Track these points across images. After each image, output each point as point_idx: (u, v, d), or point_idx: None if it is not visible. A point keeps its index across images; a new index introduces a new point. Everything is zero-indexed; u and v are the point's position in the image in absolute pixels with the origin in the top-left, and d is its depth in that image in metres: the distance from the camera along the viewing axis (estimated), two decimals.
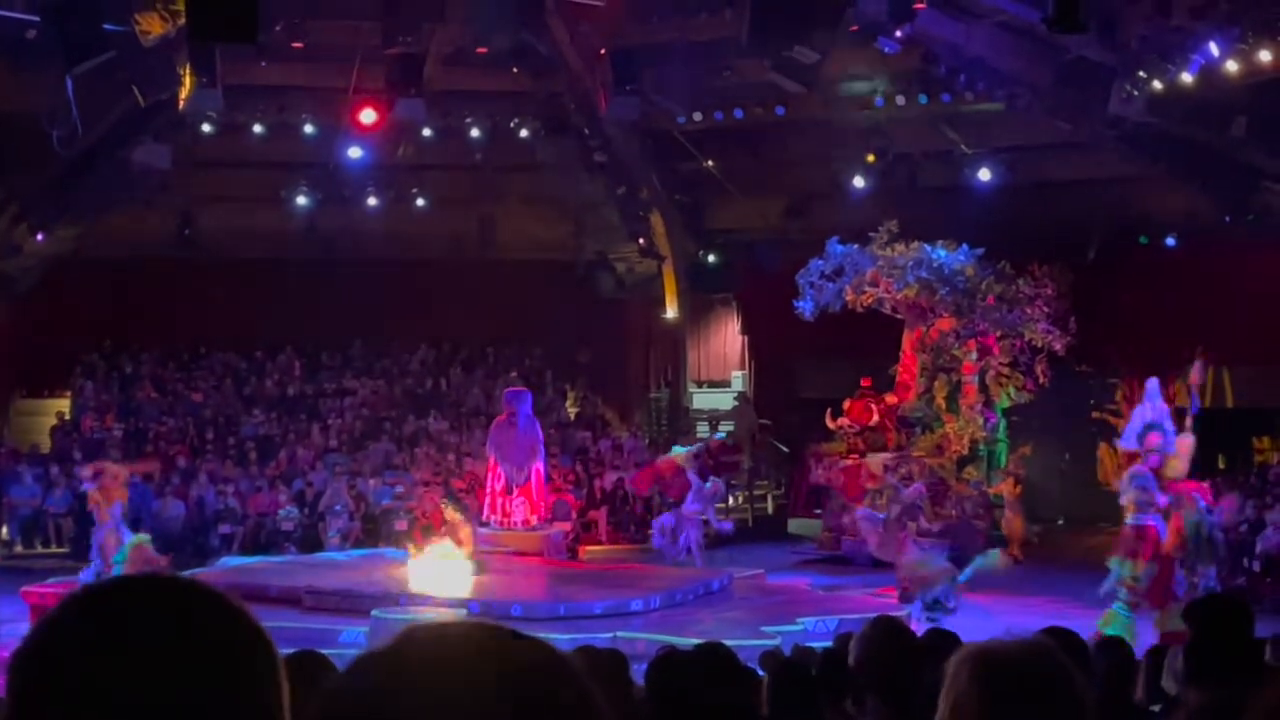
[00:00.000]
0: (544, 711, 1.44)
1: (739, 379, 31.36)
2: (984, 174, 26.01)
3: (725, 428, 30.08)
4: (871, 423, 24.32)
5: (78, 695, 1.51)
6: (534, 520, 22.06)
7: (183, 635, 1.55)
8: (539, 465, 22.21)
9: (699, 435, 29.96)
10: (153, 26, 20.61)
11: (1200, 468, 24.21)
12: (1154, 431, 16.59)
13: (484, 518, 22.05)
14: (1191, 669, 4.39)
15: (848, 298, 24.37)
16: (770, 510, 28.23)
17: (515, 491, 21.92)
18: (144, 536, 19.37)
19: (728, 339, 31.93)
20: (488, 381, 29.93)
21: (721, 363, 32.00)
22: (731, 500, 27.99)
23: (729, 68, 25.50)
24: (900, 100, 25.07)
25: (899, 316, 25.22)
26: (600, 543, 24.52)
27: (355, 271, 28.99)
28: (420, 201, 29.42)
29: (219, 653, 1.56)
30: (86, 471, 20.18)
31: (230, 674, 1.55)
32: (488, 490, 22.34)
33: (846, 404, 24.60)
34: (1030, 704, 2.50)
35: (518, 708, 1.43)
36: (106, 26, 19.86)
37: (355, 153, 27.54)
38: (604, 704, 1.50)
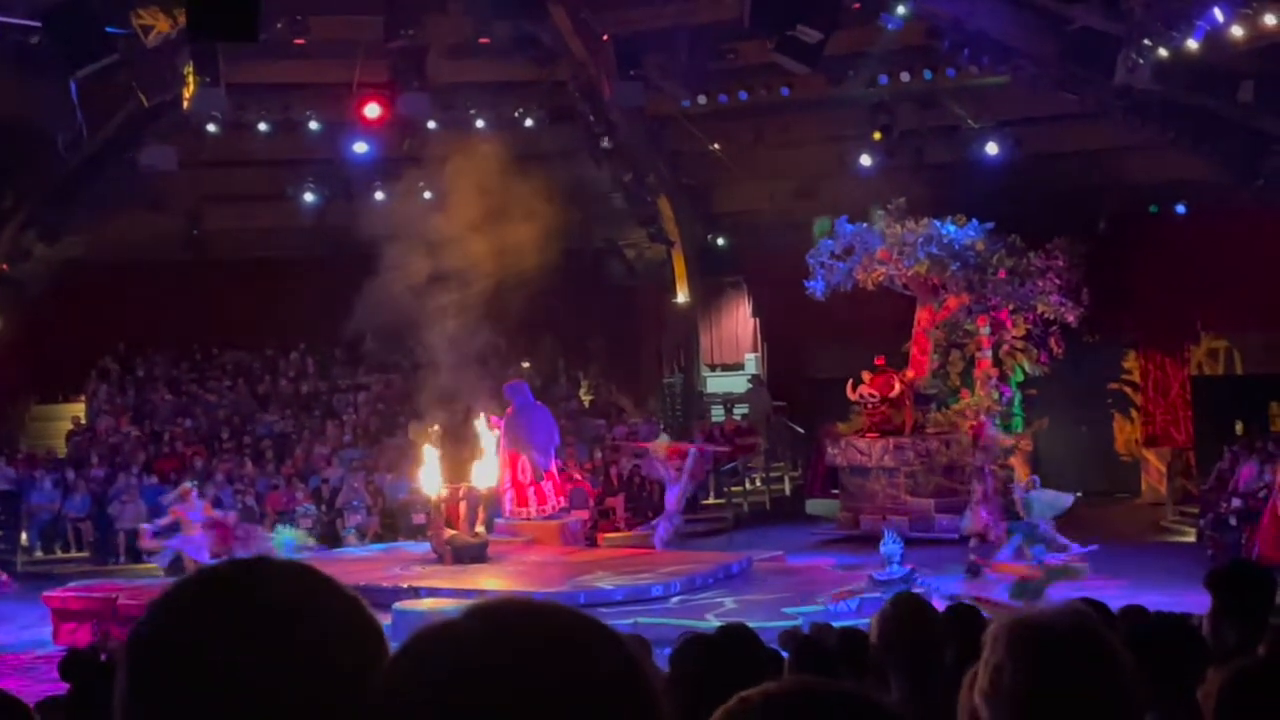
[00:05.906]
0: (590, 682, 1.43)
1: (752, 361, 31.29)
2: (991, 148, 25.85)
3: (740, 410, 30.04)
4: (893, 394, 24.27)
5: (204, 676, 1.49)
6: (556, 507, 22.21)
7: (308, 618, 1.53)
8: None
9: (714, 419, 29.93)
10: (157, 22, 20.60)
11: (1219, 434, 24.37)
12: None
13: (512, 511, 22.21)
14: (1214, 640, 4.37)
15: (858, 276, 24.33)
16: (787, 491, 28.20)
17: (544, 478, 22.09)
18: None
19: (739, 322, 31.86)
20: (501, 371, 29.88)
21: (734, 346, 31.92)
22: (749, 483, 28.01)
23: (732, 50, 25.43)
24: (904, 76, 24.98)
25: (910, 294, 25.17)
26: (618, 529, 24.51)
27: (364, 266, 28.90)
28: (427, 194, 29.35)
29: (343, 636, 1.54)
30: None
31: (352, 658, 1.52)
32: (510, 483, 22.41)
33: (866, 376, 24.57)
34: (1069, 672, 2.48)
35: (562, 678, 1.42)
36: (108, 29, 19.87)
37: (361, 148, 27.55)
38: (650, 672, 1.48)
